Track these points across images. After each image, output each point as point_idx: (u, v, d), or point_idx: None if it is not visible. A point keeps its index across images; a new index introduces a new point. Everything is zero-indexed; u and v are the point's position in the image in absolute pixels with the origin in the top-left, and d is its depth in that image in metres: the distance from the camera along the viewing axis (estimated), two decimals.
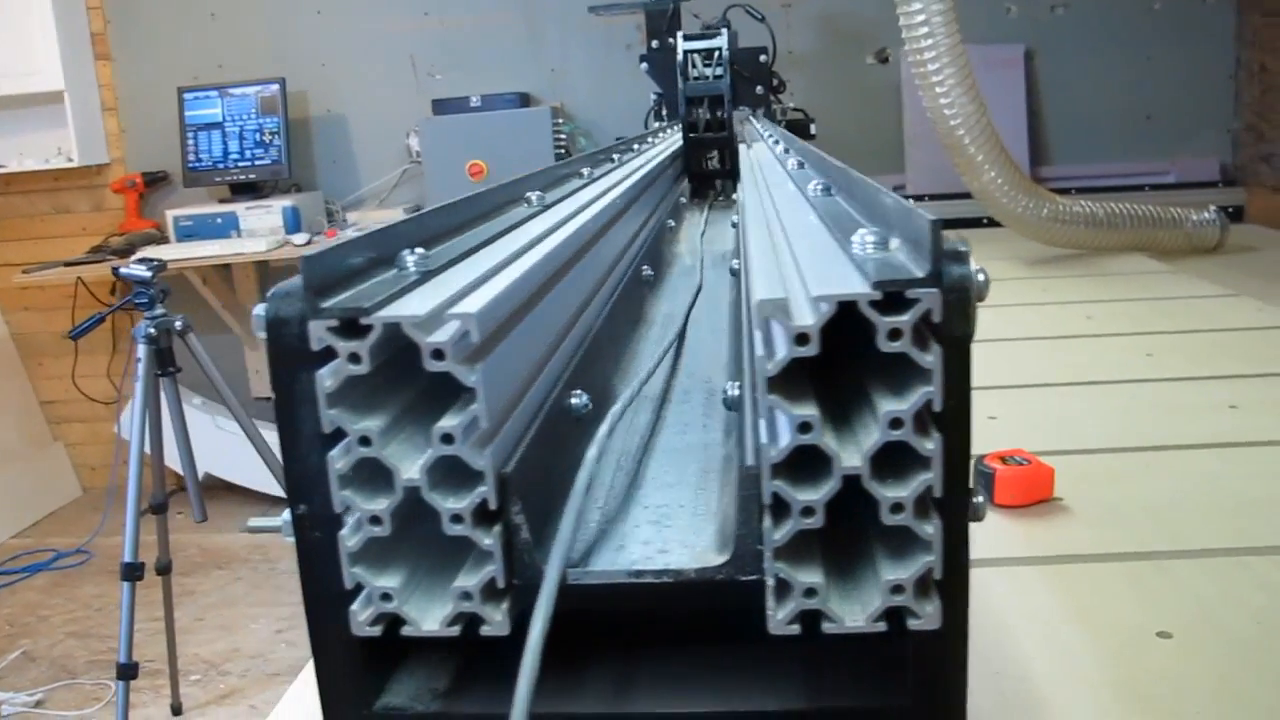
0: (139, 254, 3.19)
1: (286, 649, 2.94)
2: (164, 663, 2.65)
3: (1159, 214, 2.63)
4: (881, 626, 0.39)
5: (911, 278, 0.37)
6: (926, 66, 2.38)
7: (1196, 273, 2.37)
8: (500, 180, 0.72)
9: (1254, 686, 0.67)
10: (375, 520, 0.39)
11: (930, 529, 0.38)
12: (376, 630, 0.40)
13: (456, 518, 0.39)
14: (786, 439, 0.37)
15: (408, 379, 0.41)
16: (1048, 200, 2.53)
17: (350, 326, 0.38)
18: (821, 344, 0.36)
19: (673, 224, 1.23)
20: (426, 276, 0.43)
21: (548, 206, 0.70)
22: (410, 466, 0.38)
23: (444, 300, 0.39)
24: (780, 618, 0.39)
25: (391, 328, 0.37)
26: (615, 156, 1.19)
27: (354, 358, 0.37)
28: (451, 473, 0.39)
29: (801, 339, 0.37)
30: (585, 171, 0.94)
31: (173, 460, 2.44)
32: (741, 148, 1.52)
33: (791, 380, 0.38)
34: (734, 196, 1.51)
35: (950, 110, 2.40)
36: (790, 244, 0.48)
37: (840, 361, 0.39)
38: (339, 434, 0.45)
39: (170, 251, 3.21)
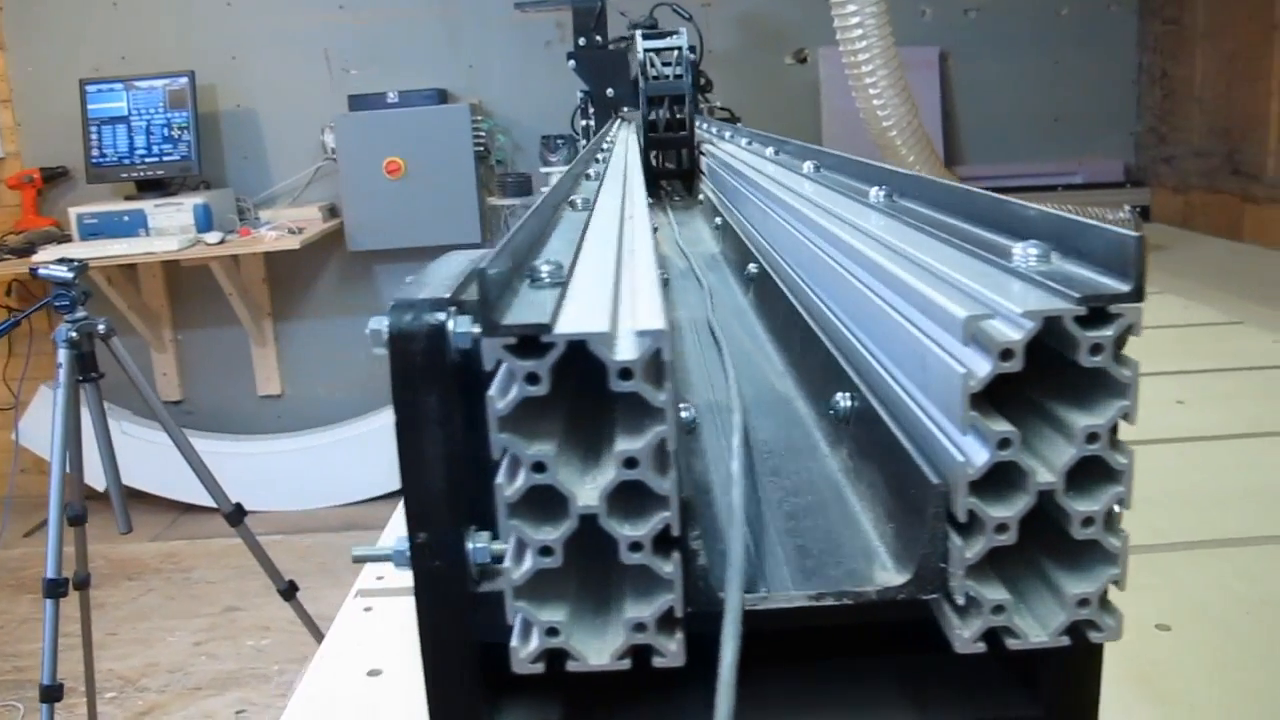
0: (50, 253, 3.04)
1: (207, 661, 2.84)
2: (76, 680, 2.53)
3: (1079, 214, 2.70)
4: (1065, 641, 0.38)
5: (1116, 293, 0.36)
6: (860, 68, 2.41)
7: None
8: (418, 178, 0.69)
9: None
10: (545, 551, 0.36)
11: (1117, 542, 0.38)
12: (539, 667, 0.38)
13: (635, 545, 0.36)
14: (985, 456, 0.36)
15: (559, 397, 0.39)
16: None
17: (526, 344, 0.35)
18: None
19: (655, 226, 1.21)
20: (563, 288, 0.41)
21: (592, 209, 0.68)
22: (587, 493, 0.36)
23: (609, 314, 0.37)
24: (967, 635, 0.38)
25: (574, 345, 0.35)
26: (599, 156, 1.16)
27: (532, 378, 0.35)
28: (616, 497, 0.37)
29: (1006, 355, 0.35)
30: (592, 173, 0.91)
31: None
32: (708, 148, 1.51)
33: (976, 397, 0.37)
34: (699, 196, 1.50)
35: (883, 111, 2.43)
36: (914, 258, 0.47)
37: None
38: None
39: (75, 250, 3.07)
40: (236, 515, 2.22)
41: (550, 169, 2.99)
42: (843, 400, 0.50)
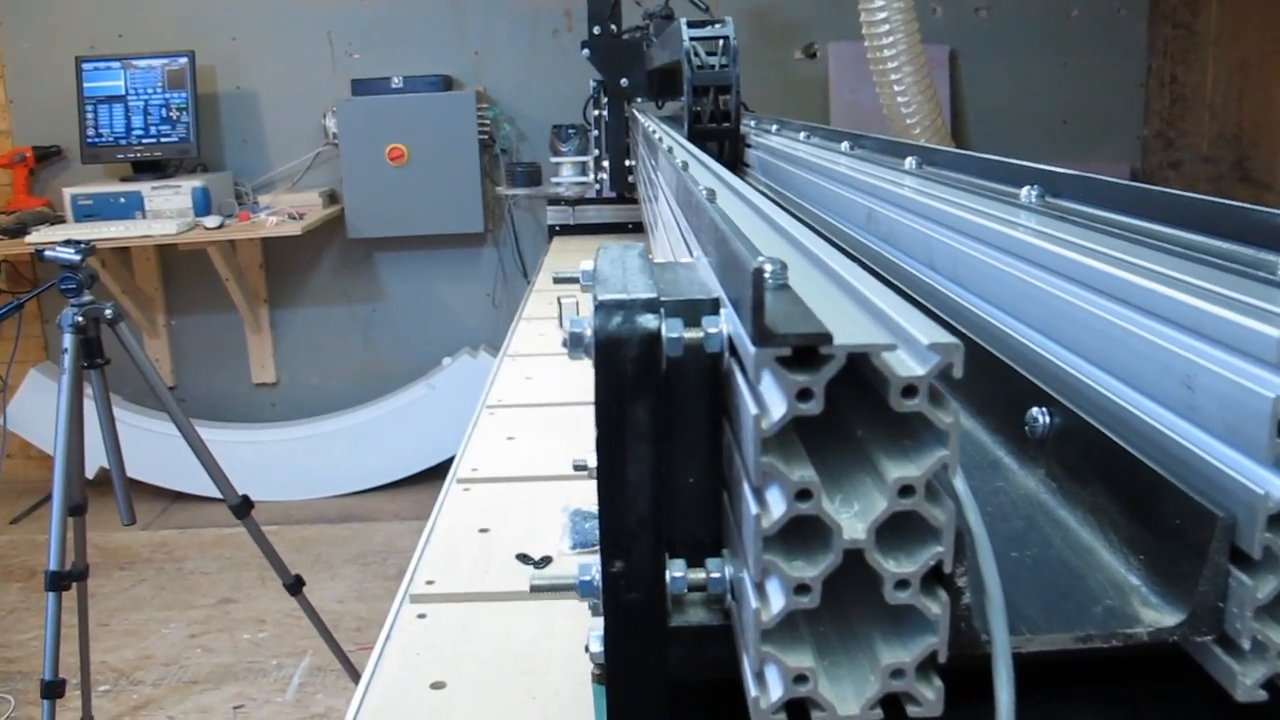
0: (47, 234, 2.97)
1: (202, 655, 2.79)
2: (70, 673, 2.47)
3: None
4: None
5: None
6: (885, 64, 2.37)
7: None
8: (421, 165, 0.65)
9: None
10: (802, 589, 0.32)
11: None
12: (781, 717, 0.34)
13: (902, 583, 0.33)
14: None
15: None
16: None
17: (798, 356, 0.31)
18: None
19: None
20: (786, 290, 0.37)
21: (714, 199, 0.64)
22: (853, 525, 0.32)
23: (876, 323, 0.33)
24: (1250, 683, 0.35)
25: (855, 358, 0.31)
26: (667, 148, 1.12)
27: (804, 394, 0.31)
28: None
29: None
30: (680, 163, 0.87)
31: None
32: (755, 139, 1.47)
33: None
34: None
35: (908, 109, 2.40)
36: (1139, 267, 0.43)
37: None
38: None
39: (70, 232, 3.00)
40: (243, 508, 2.17)
41: (561, 159, 2.94)
42: (1041, 416, 0.46)
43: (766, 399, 0.32)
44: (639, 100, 2.78)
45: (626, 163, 2.75)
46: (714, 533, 0.41)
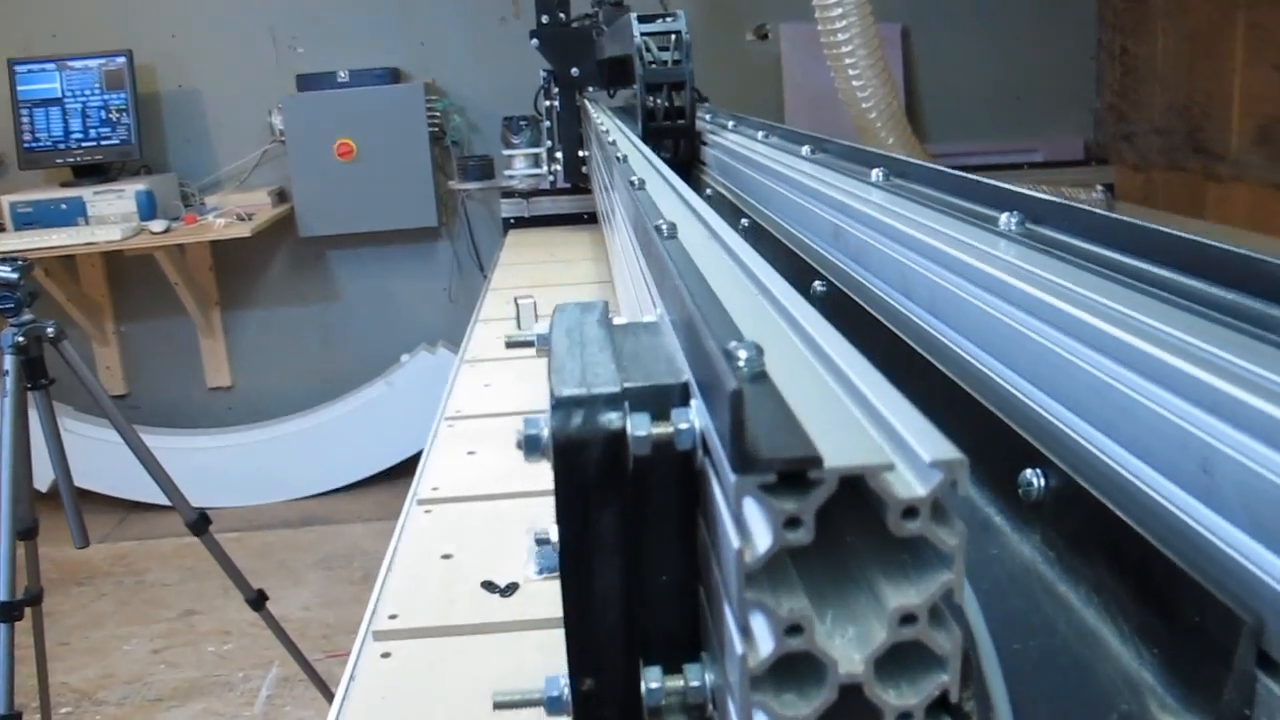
0: None
1: (167, 670, 2.73)
2: (29, 696, 2.40)
3: (1051, 195, 2.68)
4: None
5: None
6: (839, 48, 2.34)
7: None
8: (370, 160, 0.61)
9: None
10: None
11: None
12: None
13: (905, 716, 0.29)
14: None
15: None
16: None
17: (783, 479, 0.28)
18: None
19: None
20: (762, 380, 0.33)
21: (674, 234, 0.60)
22: (850, 658, 0.29)
23: (869, 429, 0.29)
24: None
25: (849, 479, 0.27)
26: (616, 156, 1.08)
27: (792, 523, 0.27)
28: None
29: None
30: (635, 181, 0.83)
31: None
32: (712, 138, 1.44)
33: None
34: (706, 191, 1.42)
35: (863, 93, 2.37)
36: (1138, 322, 0.40)
37: None
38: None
39: (11, 241, 2.91)
40: (201, 524, 2.11)
41: (514, 151, 2.88)
42: (1035, 479, 0.43)
43: (750, 527, 0.28)
44: (590, 90, 2.74)
45: (580, 153, 2.70)
46: (691, 629, 0.38)
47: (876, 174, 0.81)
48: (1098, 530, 0.39)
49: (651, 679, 0.36)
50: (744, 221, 1.14)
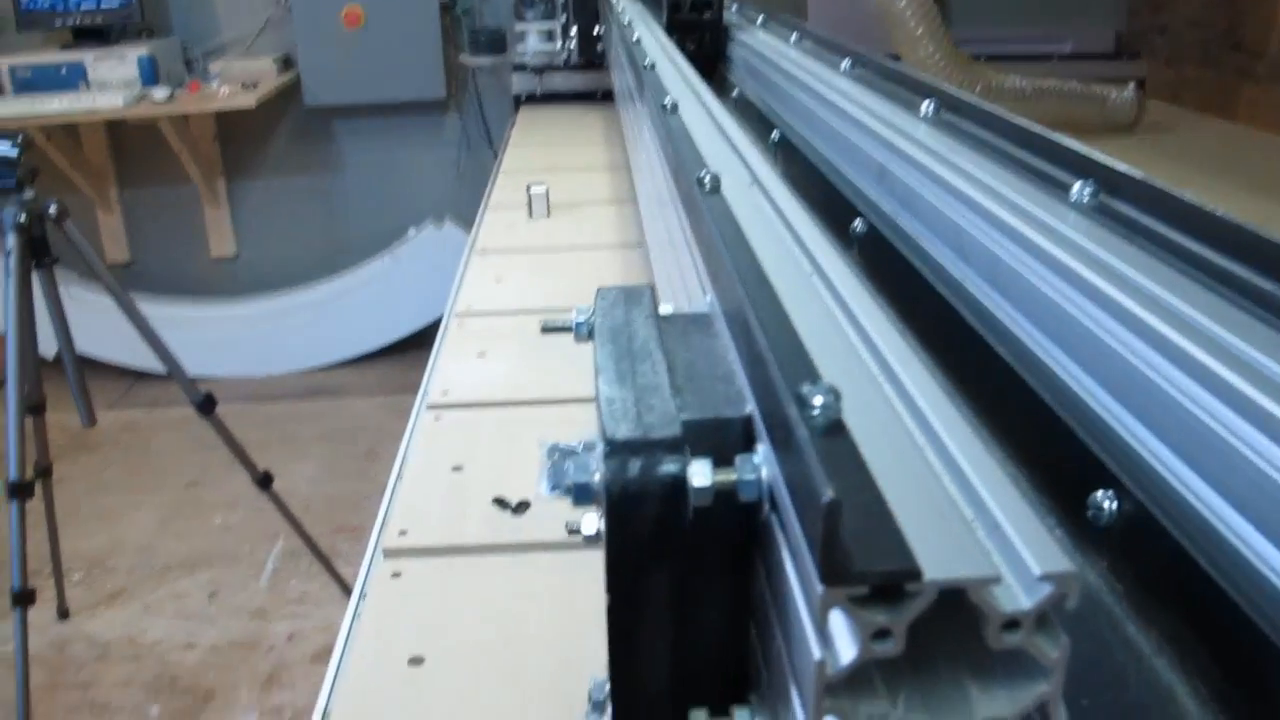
0: None
1: (174, 541, 2.76)
2: (42, 562, 2.44)
3: (1081, 90, 2.60)
4: None
5: None
6: None
7: (1122, 157, 2.33)
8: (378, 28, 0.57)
9: None
10: None
11: None
12: None
13: None
14: None
15: None
16: (980, 77, 2.46)
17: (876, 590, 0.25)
18: None
19: None
20: (836, 429, 0.30)
21: (718, 188, 0.56)
22: None
23: (965, 528, 0.27)
24: None
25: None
26: (643, 64, 1.02)
27: (882, 634, 0.25)
28: None
29: None
30: (668, 104, 0.79)
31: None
32: (740, 37, 1.37)
33: None
34: (733, 93, 1.36)
35: None
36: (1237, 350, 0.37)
37: None
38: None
39: (10, 106, 2.83)
40: (207, 405, 2.10)
41: (527, 25, 2.78)
42: (1107, 502, 0.41)
43: (834, 636, 0.25)
44: None
45: (595, 30, 2.60)
46: (738, 668, 0.36)
47: (926, 107, 0.76)
48: (1173, 575, 0.37)
49: None
50: (774, 135, 1.09)
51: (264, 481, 2.22)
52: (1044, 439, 0.45)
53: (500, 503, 1.11)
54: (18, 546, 1.85)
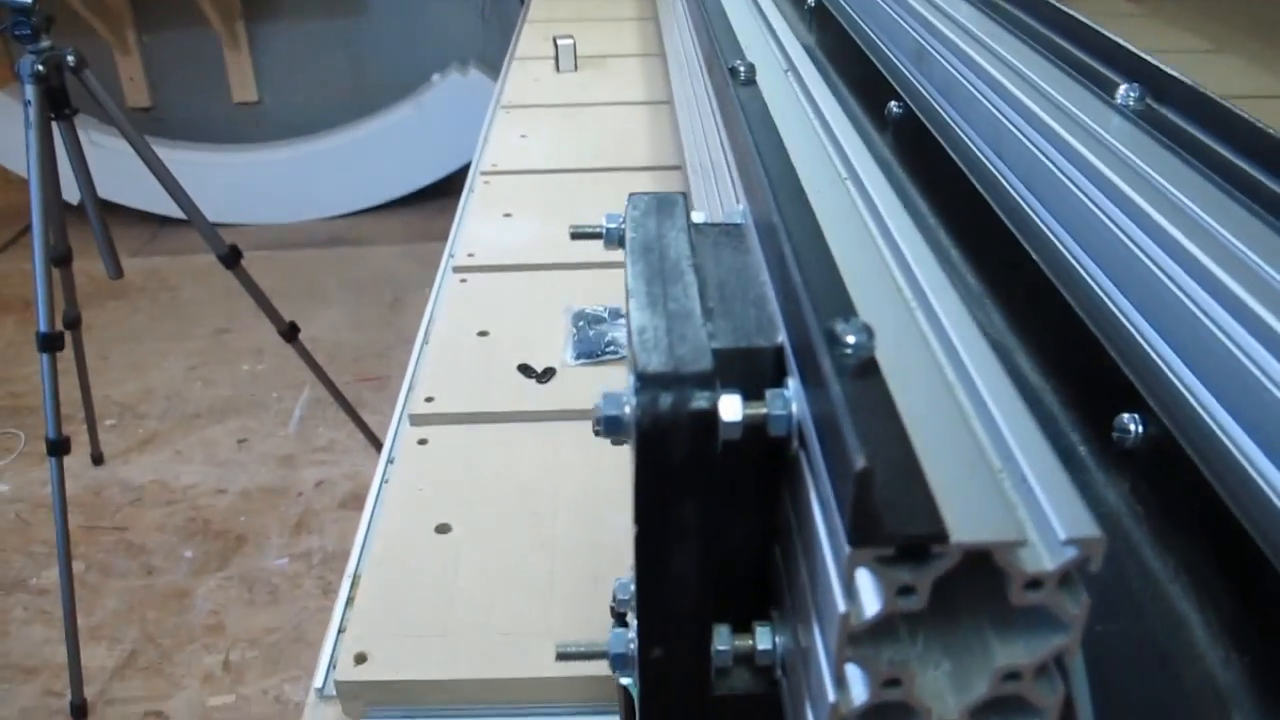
0: None
1: (203, 388, 2.81)
2: (75, 407, 2.49)
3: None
4: None
5: None
6: None
7: (1168, 18, 2.24)
8: None
9: None
10: None
11: None
12: None
13: None
14: None
15: None
16: None
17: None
18: None
19: None
20: (868, 370, 0.30)
21: (753, 77, 0.55)
22: (946, 701, 0.27)
23: (993, 481, 0.27)
24: None
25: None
26: None
27: (906, 590, 0.25)
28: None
29: None
30: None
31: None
32: None
33: None
34: None
35: None
36: None
37: None
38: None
39: None
40: (232, 257, 2.11)
41: None
42: (1133, 425, 0.41)
43: (859, 590, 0.26)
44: None
45: None
46: (761, 584, 0.37)
47: None
48: (1196, 505, 0.37)
49: (720, 641, 0.35)
50: (809, 1, 1.05)
51: (289, 334, 2.24)
52: (1074, 353, 0.44)
53: (525, 370, 1.12)
54: (51, 397, 1.88)
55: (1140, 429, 0.40)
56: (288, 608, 2.16)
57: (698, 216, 0.42)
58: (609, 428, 0.32)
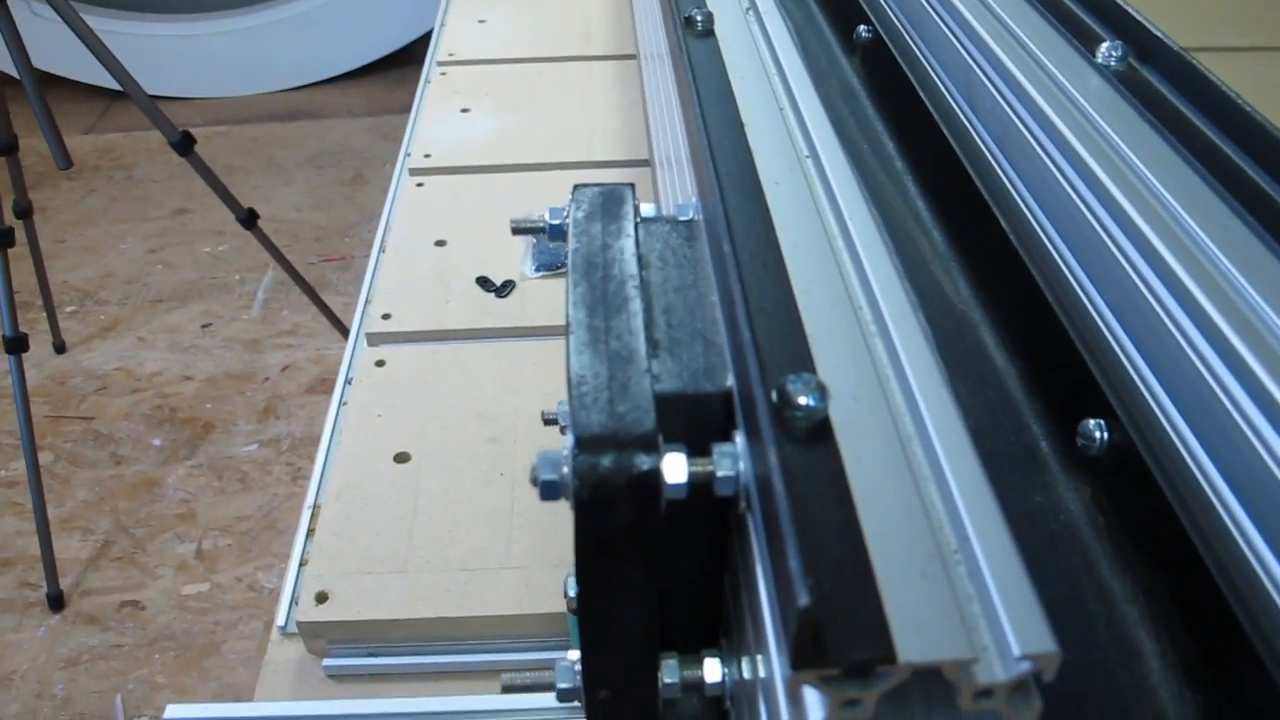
0: None
1: (164, 271, 2.76)
2: (32, 294, 2.44)
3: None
4: None
5: None
6: None
7: None
8: None
9: None
10: None
11: None
12: None
13: None
14: None
15: None
16: None
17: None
18: None
19: None
20: (820, 437, 0.28)
21: (710, 28, 0.51)
22: None
23: (948, 591, 0.25)
24: None
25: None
26: None
27: (852, 703, 0.24)
28: None
29: None
30: None
31: None
32: None
33: None
34: None
35: None
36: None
37: None
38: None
39: None
40: (185, 144, 2.04)
41: None
42: (1098, 431, 0.39)
43: (804, 700, 0.25)
44: None
45: None
46: (709, 615, 0.36)
47: None
48: (1158, 528, 0.36)
49: (669, 674, 0.35)
50: None
51: (248, 220, 2.18)
52: (1042, 344, 0.43)
53: (484, 283, 1.09)
54: (4, 293, 1.84)
55: (1105, 436, 0.39)
56: (258, 494, 2.16)
57: (647, 209, 0.40)
58: (546, 493, 0.30)
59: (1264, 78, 1.21)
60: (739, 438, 0.30)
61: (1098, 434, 0.39)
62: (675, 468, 0.29)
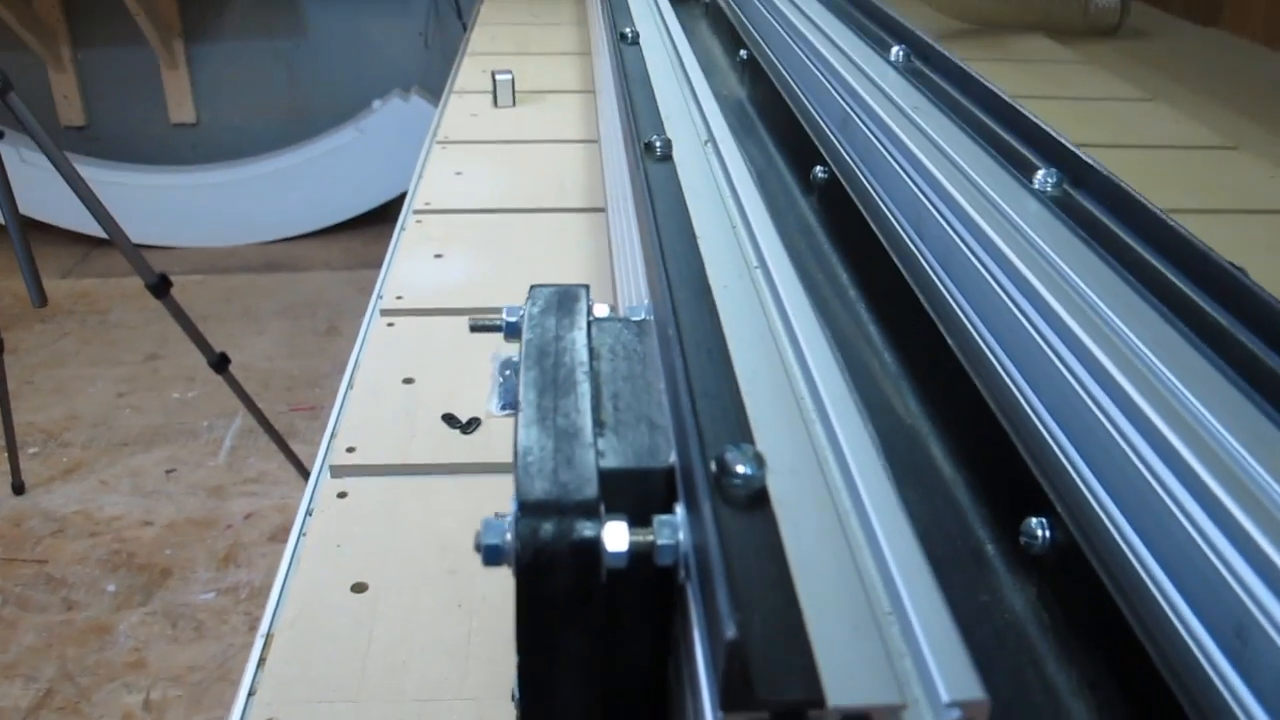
0: None
1: (132, 415, 2.75)
2: None
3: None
4: None
5: None
6: None
7: (1105, 64, 2.28)
8: None
9: None
10: None
11: None
12: None
13: None
14: None
15: None
16: None
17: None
18: None
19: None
20: (757, 504, 0.29)
21: (669, 153, 0.54)
22: None
23: (877, 638, 0.26)
24: None
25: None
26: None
27: None
28: None
29: None
30: (627, 33, 0.75)
31: None
32: None
33: None
34: None
35: None
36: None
37: None
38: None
39: None
40: (162, 287, 2.06)
41: None
42: (1041, 530, 0.40)
43: None
44: None
45: None
46: (658, 693, 0.35)
47: (897, 52, 0.73)
48: (1101, 622, 0.36)
49: None
50: (742, 53, 1.05)
51: (220, 365, 2.20)
52: (986, 448, 0.44)
53: (450, 420, 1.10)
54: None
55: (1047, 534, 0.40)
56: (213, 644, 2.10)
57: (601, 310, 0.41)
58: (488, 558, 0.30)
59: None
60: (679, 509, 0.31)
61: (1040, 532, 0.40)
62: (616, 536, 0.30)
